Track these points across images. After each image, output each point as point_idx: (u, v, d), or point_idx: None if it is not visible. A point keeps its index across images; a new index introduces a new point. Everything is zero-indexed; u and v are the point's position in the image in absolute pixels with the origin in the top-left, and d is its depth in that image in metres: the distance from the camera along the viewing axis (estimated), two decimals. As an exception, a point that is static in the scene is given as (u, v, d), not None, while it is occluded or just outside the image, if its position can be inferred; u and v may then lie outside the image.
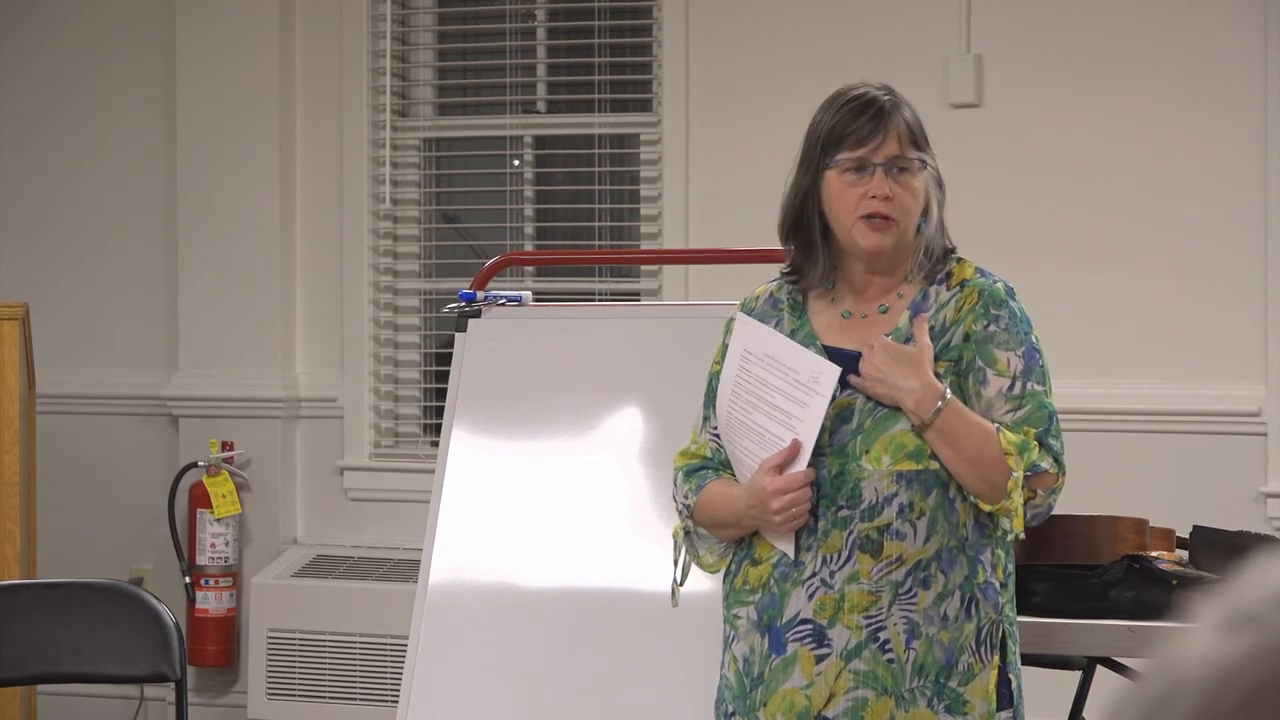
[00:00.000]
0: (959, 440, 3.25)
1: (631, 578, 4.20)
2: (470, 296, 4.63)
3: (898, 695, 3.26)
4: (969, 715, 3.28)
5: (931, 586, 3.27)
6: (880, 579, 3.27)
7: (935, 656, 3.27)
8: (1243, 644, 0.83)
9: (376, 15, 6.89)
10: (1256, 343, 6.05)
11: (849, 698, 3.27)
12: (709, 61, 6.52)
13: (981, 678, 3.29)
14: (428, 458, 6.36)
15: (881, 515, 3.28)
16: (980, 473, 3.25)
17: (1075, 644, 4.20)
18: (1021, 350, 3.34)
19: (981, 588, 3.30)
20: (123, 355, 7.10)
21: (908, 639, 3.27)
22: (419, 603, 4.42)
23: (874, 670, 3.27)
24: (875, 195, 3.32)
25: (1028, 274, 6.24)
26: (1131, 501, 5.19)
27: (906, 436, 3.28)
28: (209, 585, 6.80)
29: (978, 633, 3.29)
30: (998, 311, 3.34)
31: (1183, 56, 6.12)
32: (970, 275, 3.40)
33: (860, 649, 3.27)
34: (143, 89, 7.08)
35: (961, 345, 3.33)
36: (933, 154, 3.41)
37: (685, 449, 3.49)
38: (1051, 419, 3.34)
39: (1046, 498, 3.31)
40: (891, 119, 3.35)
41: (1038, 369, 3.35)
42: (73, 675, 4.28)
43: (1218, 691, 0.83)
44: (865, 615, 3.27)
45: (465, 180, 7.03)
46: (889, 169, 3.34)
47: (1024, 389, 3.32)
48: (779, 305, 3.46)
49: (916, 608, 3.27)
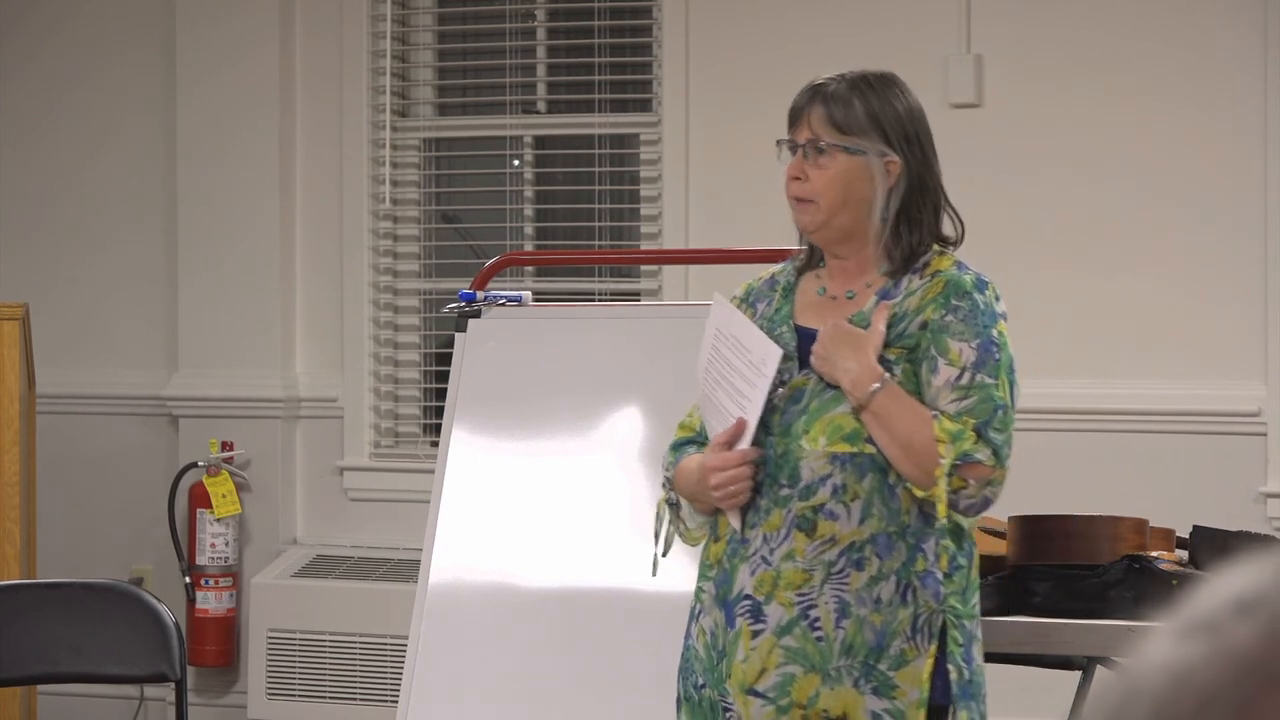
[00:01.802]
0: (892, 424, 3.28)
1: (631, 578, 4.19)
2: (470, 296, 4.63)
3: (824, 673, 3.31)
4: (896, 700, 3.31)
5: (865, 569, 3.31)
6: (814, 558, 3.32)
7: (865, 638, 3.30)
8: (1197, 650, 0.84)
9: (376, 15, 6.88)
10: (1256, 343, 6.05)
11: (778, 673, 3.33)
12: (709, 61, 6.52)
13: (915, 665, 3.31)
14: (428, 458, 6.36)
15: (816, 495, 3.33)
16: (912, 458, 3.27)
17: (1075, 644, 4.20)
18: (976, 342, 3.34)
19: (920, 575, 3.32)
20: (123, 355, 7.10)
21: (838, 618, 3.31)
22: (419, 603, 4.42)
23: (803, 647, 3.32)
24: (791, 175, 3.43)
25: (1027, 274, 6.24)
26: (1131, 501, 5.19)
27: (845, 419, 3.32)
28: (209, 585, 6.80)
29: (914, 620, 3.31)
30: (958, 302, 3.37)
31: (1183, 56, 6.12)
32: (945, 267, 3.42)
33: (791, 626, 3.33)
34: (143, 89, 7.08)
35: (918, 333, 3.36)
36: (903, 147, 3.42)
37: (682, 422, 3.57)
38: (997, 412, 3.32)
39: (980, 489, 3.29)
40: (814, 103, 3.42)
41: (992, 362, 3.34)
42: (73, 675, 4.28)
43: (1172, 696, 0.83)
44: (798, 593, 3.32)
45: (465, 180, 7.03)
46: (807, 151, 3.41)
47: (972, 380, 3.32)
48: (775, 285, 3.54)
49: (849, 588, 3.31)
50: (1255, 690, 0.82)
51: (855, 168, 3.40)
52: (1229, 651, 0.83)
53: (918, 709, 3.31)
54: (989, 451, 3.29)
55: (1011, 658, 4.49)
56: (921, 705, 3.31)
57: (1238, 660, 0.83)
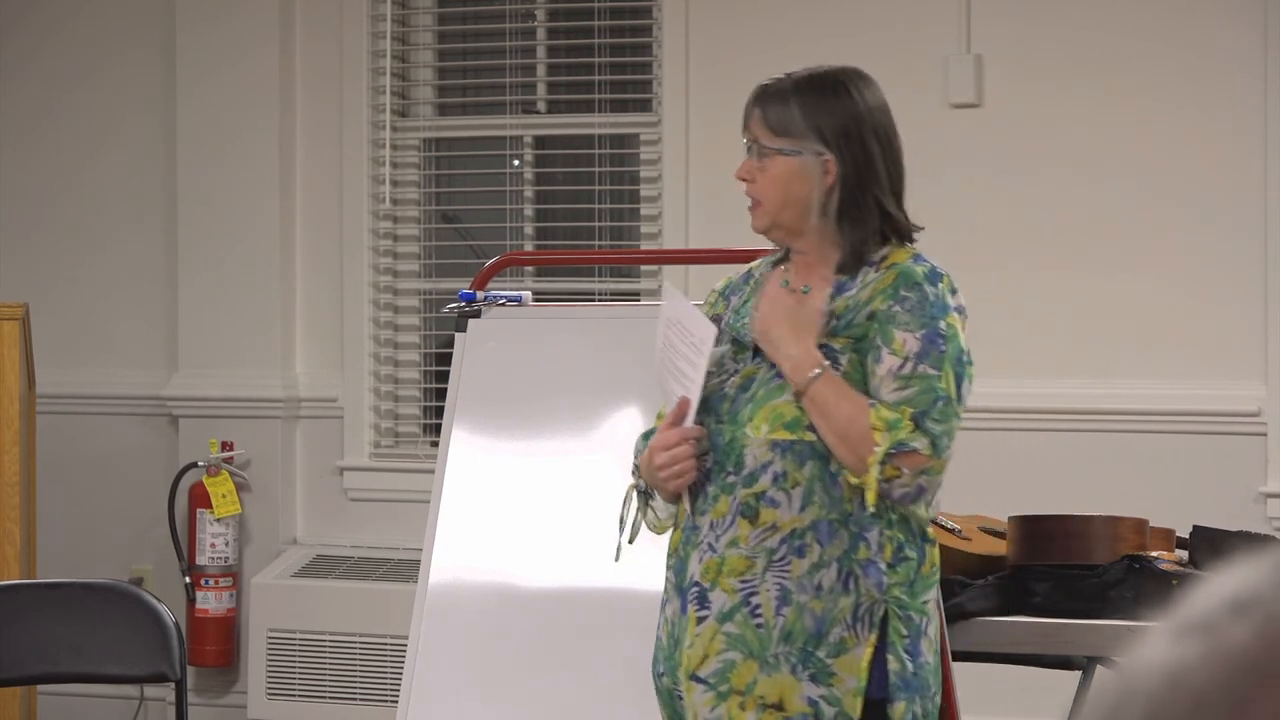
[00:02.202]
0: (830, 411, 3.30)
1: (631, 577, 4.19)
2: (470, 296, 4.63)
3: (762, 659, 3.34)
4: (834, 687, 3.32)
5: (807, 556, 3.34)
6: (756, 545, 3.36)
7: (805, 625, 3.33)
8: (1193, 650, 0.84)
9: (376, 15, 6.88)
10: (1256, 343, 6.05)
11: (719, 659, 3.36)
12: (709, 61, 6.52)
13: (854, 653, 3.32)
14: (428, 458, 6.36)
15: (759, 482, 3.36)
16: (848, 444, 3.30)
17: (1075, 644, 4.20)
18: (921, 333, 3.35)
19: (862, 564, 3.33)
20: (123, 355, 7.10)
21: (778, 605, 3.34)
22: (419, 603, 4.42)
23: (743, 634, 3.35)
24: (737, 176, 3.50)
25: (1027, 274, 6.24)
26: (1131, 501, 5.19)
27: (786, 407, 3.36)
28: (209, 585, 6.80)
29: (855, 608, 3.33)
30: (907, 293, 3.38)
31: (1183, 56, 6.12)
32: (902, 260, 3.44)
33: (733, 612, 3.36)
34: (143, 89, 7.08)
35: (865, 324, 3.38)
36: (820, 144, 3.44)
37: (659, 412, 3.62)
38: (937, 403, 3.32)
39: (914, 478, 3.29)
40: (754, 106, 3.48)
41: (936, 353, 3.34)
42: (73, 675, 4.28)
43: (1166, 697, 0.83)
44: (741, 579, 3.36)
45: (465, 180, 7.03)
46: (752, 152, 3.48)
47: (914, 370, 3.33)
48: (749, 279, 3.60)
49: (790, 575, 3.34)
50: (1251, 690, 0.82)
51: (792, 169, 3.44)
52: (1224, 651, 0.83)
53: (855, 697, 3.32)
54: (926, 441, 3.29)
55: (1011, 658, 4.50)
56: (859, 694, 3.32)
57: (1233, 660, 0.83)
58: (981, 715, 5.37)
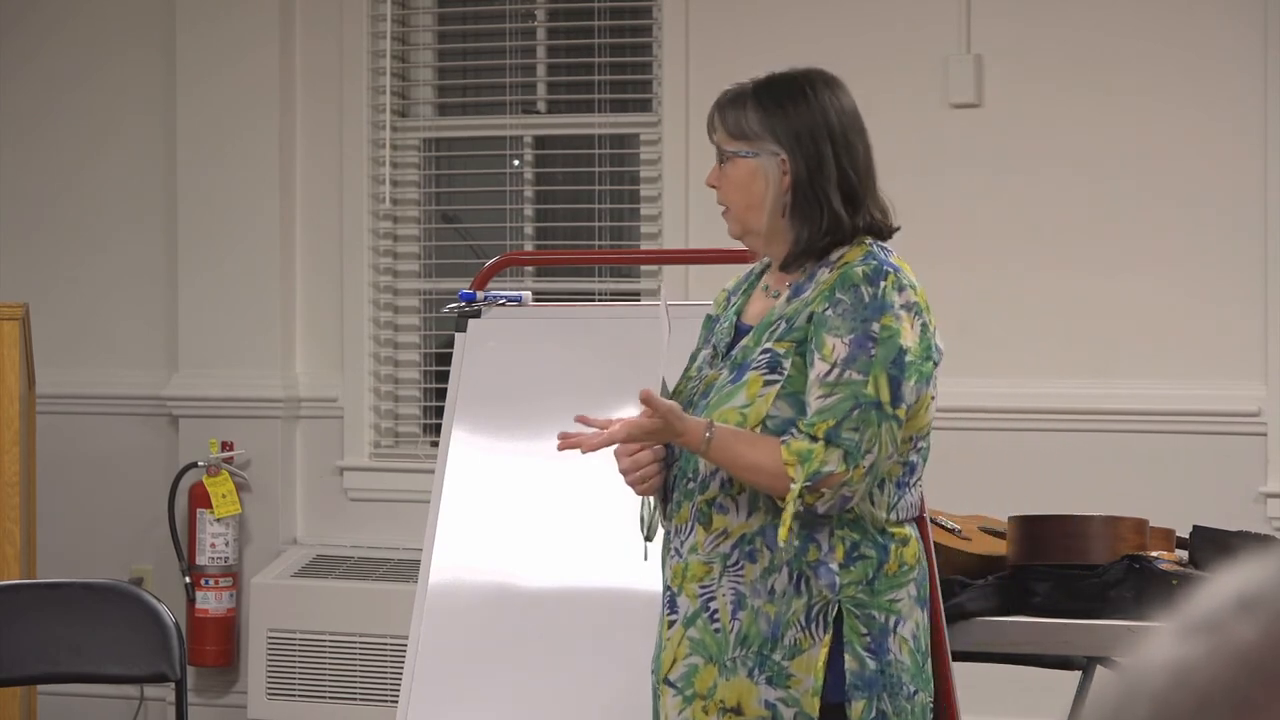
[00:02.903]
0: (736, 462, 3.33)
1: (631, 577, 4.19)
2: (470, 296, 4.63)
3: (720, 664, 3.38)
4: (791, 689, 3.34)
5: (758, 560, 3.37)
6: (711, 551, 3.40)
7: (760, 628, 3.35)
8: (1197, 648, 0.84)
9: (376, 15, 6.88)
10: (1256, 343, 6.05)
11: (685, 664, 3.41)
12: (709, 61, 6.52)
13: (810, 654, 3.34)
14: (428, 458, 6.36)
15: (709, 489, 3.41)
16: (766, 481, 3.32)
17: (1075, 644, 4.20)
18: (850, 337, 3.34)
19: (813, 565, 3.35)
20: (123, 355, 7.10)
21: (734, 609, 3.37)
22: (419, 603, 4.42)
23: (703, 639, 3.40)
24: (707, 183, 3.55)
25: (1027, 274, 6.24)
26: (1131, 501, 5.19)
27: (731, 413, 3.38)
28: (209, 585, 6.80)
29: (808, 609, 3.35)
30: (841, 295, 3.37)
31: (1183, 56, 6.12)
32: (853, 258, 3.43)
33: (695, 617, 3.41)
34: (143, 89, 7.08)
35: (806, 326, 3.38)
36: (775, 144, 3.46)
37: None
38: (855, 411, 3.30)
39: (836, 492, 3.31)
40: (715, 112, 3.54)
41: (864, 358, 3.32)
42: (73, 675, 4.28)
43: (1172, 694, 0.83)
44: (700, 585, 3.41)
45: (465, 180, 7.03)
46: (719, 159, 3.54)
47: (840, 377, 3.32)
48: (750, 277, 3.64)
49: (744, 580, 3.37)
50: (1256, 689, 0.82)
51: (750, 170, 3.48)
52: (1229, 651, 0.83)
53: (813, 697, 3.34)
54: (838, 455, 3.29)
55: (1011, 658, 4.50)
56: (816, 694, 3.34)
57: (1238, 659, 0.83)
58: (981, 715, 5.37)
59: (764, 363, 3.39)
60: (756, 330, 3.45)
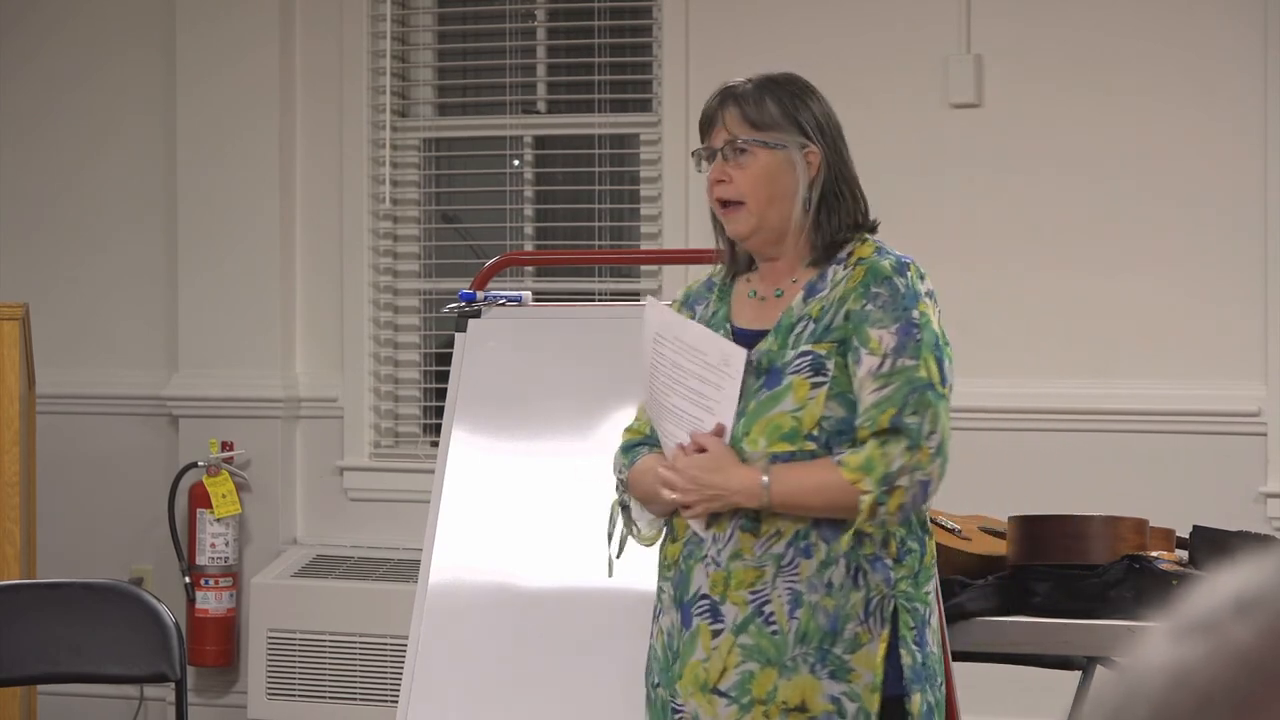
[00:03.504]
0: (803, 502, 3.31)
1: (630, 578, 4.19)
2: (470, 296, 4.63)
3: (780, 665, 3.34)
4: (853, 683, 3.33)
5: (814, 555, 3.34)
6: (763, 554, 3.35)
7: (819, 623, 3.33)
8: (1197, 649, 0.83)
9: (376, 15, 6.89)
10: (1256, 343, 6.05)
11: (738, 671, 3.36)
12: (709, 61, 6.52)
13: (869, 648, 3.33)
14: (428, 458, 6.36)
15: None
16: (838, 508, 3.30)
17: (1075, 644, 4.20)
18: (895, 326, 3.34)
19: (869, 559, 3.34)
20: (123, 355, 7.10)
21: (791, 609, 3.34)
22: (419, 603, 4.42)
23: (759, 644, 3.35)
24: (711, 179, 3.47)
25: (1027, 274, 6.24)
26: (1131, 501, 5.19)
27: (783, 418, 3.34)
28: (209, 585, 6.80)
29: (866, 603, 3.34)
30: (877, 289, 3.37)
31: (1183, 56, 6.12)
32: (867, 254, 3.43)
33: (747, 624, 3.36)
34: (143, 89, 7.08)
35: (844, 325, 3.37)
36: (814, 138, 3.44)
37: (630, 425, 3.63)
38: (913, 395, 3.31)
39: (913, 481, 3.28)
40: (726, 105, 3.47)
41: (913, 344, 3.33)
42: (73, 675, 4.28)
43: (1171, 696, 0.83)
44: (751, 590, 3.36)
45: (465, 180, 7.03)
46: (726, 153, 3.45)
47: (893, 366, 3.32)
48: (711, 288, 3.61)
49: (800, 577, 3.34)
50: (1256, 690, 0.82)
51: (777, 162, 3.44)
52: (1229, 651, 0.83)
53: (872, 693, 3.34)
54: (901, 447, 3.28)
55: (1011, 658, 4.50)
56: (875, 689, 3.34)
57: (1238, 660, 0.82)
58: (981, 715, 5.37)
59: (805, 365, 3.36)
60: (776, 334, 3.41)
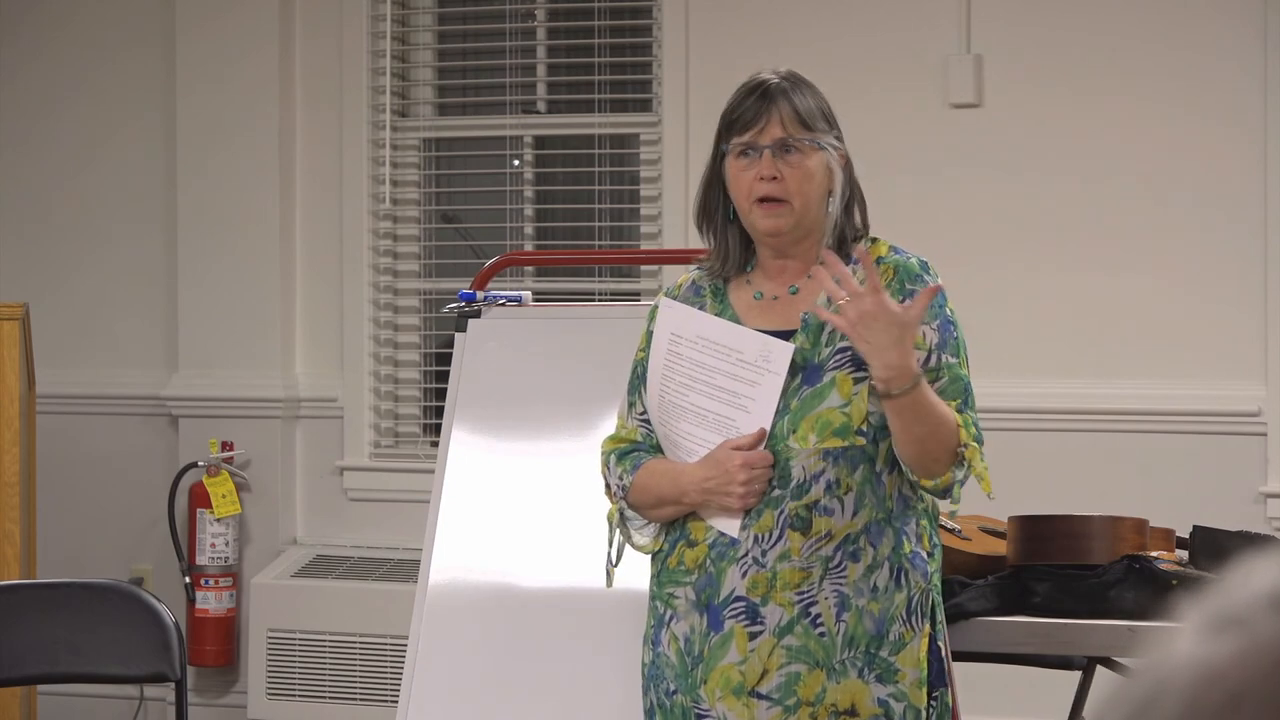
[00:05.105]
0: (928, 413, 3.26)
1: (630, 579, 4.19)
2: (470, 296, 4.63)
3: (829, 667, 3.33)
4: (900, 684, 3.35)
5: (861, 559, 3.34)
6: (811, 555, 3.34)
7: (865, 627, 3.33)
8: (1227, 645, 0.83)
9: (376, 15, 6.89)
10: (1256, 343, 6.05)
11: (782, 673, 3.34)
12: (709, 61, 6.52)
13: (912, 646, 3.35)
14: (428, 458, 6.36)
15: (810, 493, 3.34)
16: (927, 450, 3.28)
17: (1075, 644, 4.20)
18: (936, 323, 3.38)
19: (909, 558, 3.37)
20: (123, 355, 7.10)
21: (838, 612, 3.33)
22: (419, 603, 4.42)
23: (806, 645, 3.34)
24: (762, 177, 3.40)
25: (1027, 274, 6.24)
26: (1131, 501, 5.19)
27: (833, 414, 3.34)
28: (209, 585, 6.80)
29: (908, 602, 3.36)
30: (913, 286, 3.38)
31: (1183, 56, 6.12)
32: (885, 253, 3.44)
33: (792, 625, 3.34)
34: (143, 89, 7.08)
35: None
36: (837, 137, 3.45)
37: (613, 434, 3.58)
38: (966, 390, 3.38)
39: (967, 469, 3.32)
40: (777, 102, 3.42)
41: (952, 341, 3.39)
42: (72, 675, 4.28)
43: (1202, 693, 0.83)
44: (797, 592, 3.34)
45: (465, 180, 7.03)
46: (776, 151, 3.40)
47: (939, 361, 3.36)
48: (701, 292, 3.57)
49: (847, 580, 3.34)
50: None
51: (823, 161, 3.43)
52: (1260, 647, 0.82)
53: (919, 689, 3.36)
54: (972, 431, 3.34)
55: (1011, 658, 4.50)
56: (921, 685, 3.36)
57: (1271, 656, 0.82)
58: (981, 715, 5.37)
59: (846, 360, 3.35)
60: (805, 331, 3.39)
